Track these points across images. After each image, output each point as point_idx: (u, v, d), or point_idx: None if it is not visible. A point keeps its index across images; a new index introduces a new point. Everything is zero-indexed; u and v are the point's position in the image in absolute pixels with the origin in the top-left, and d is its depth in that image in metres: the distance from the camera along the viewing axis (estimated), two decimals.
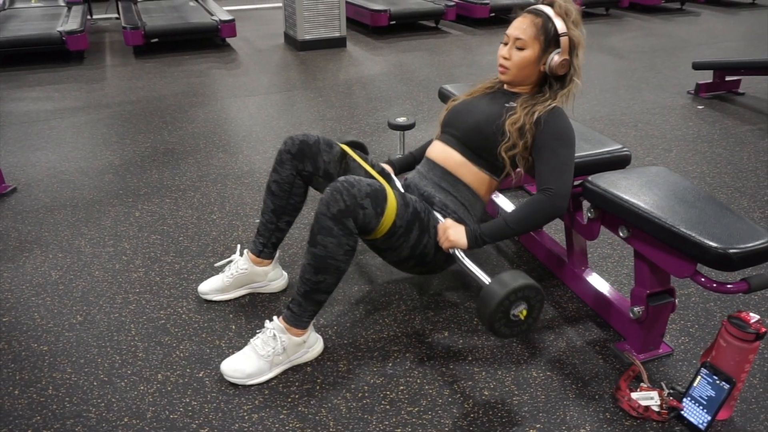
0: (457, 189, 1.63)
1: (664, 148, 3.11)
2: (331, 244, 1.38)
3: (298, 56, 5.08)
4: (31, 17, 5.36)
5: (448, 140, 1.66)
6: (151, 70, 4.63)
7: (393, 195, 1.44)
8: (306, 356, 1.57)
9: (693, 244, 1.28)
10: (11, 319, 1.75)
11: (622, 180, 1.54)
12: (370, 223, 1.40)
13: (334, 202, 1.36)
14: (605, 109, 3.70)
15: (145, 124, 3.42)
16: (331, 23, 5.25)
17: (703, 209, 1.39)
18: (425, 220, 1.51)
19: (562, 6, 1.55)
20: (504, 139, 1.55)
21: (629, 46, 5.41)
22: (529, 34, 1.54)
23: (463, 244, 1.50)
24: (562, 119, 1.57)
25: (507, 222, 1.49)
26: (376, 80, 4.36)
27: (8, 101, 3.85)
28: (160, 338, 1.67)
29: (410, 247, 1.50)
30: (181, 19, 5.33)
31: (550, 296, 1.87)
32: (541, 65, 1.58)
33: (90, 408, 1.43)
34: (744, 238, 1.27)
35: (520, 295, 1.29)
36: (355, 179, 1.40)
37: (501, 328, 1.32)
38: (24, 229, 2.26)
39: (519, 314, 1.32)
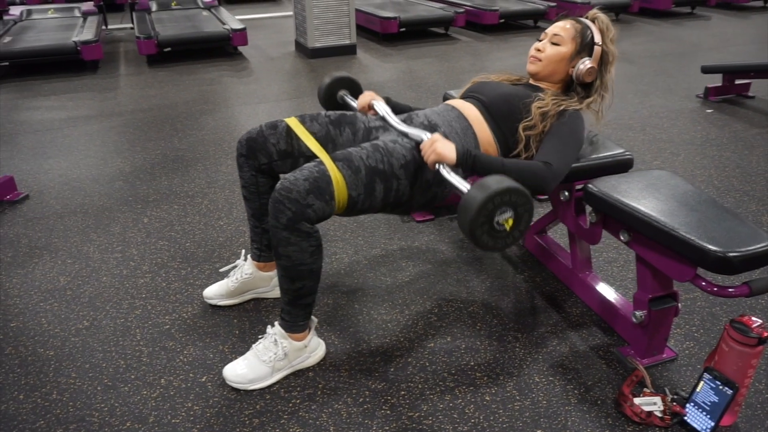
0: (465, 134, 1.60)
1: (671, 152, 3.09)
2: (294, 252, 1.37)
3: (309, 64, 5.12)
4: (47, 28, 5.47)
5: (473, 102, 1.67)
6: (164, 78, 4.70)
7: (337, 171, 1.38)
8: (308, 361, 1.58)
9: (693, 248, 1.27)
10: (19, 325, 1.78)
11: (623, 184, 1.54)
12: (324, 212, 1.37)
13: (280, 214, 1.34)
14: (612, 114, 3.67)
15: (156, 132, 3.47)
16: (341, 31, 5.29)
17: (704, 212, 1.38)
18: (386, 169, 1.44)
19: (604, 22, 1.69)
20: (527, 117, 1.58)
21: (639, 51, 5.38)
22: (567, 33, 1.66)
23: (450, 158, 1.38)
24: (581, 123, 1.63)
25: (504, 163, 1.44)
26: (385, 87, 4.38)
27: (24, 110, 3.93)
28: (165, 343, 1.69)
29: (380, 200, 1.45)
30: (193, 28, 5.40)
31: (553, 300, 1.86)
32: (570, 66, 1.67)
33: (93, 412, 1.45)
34: (745, 242, 1.25)
35: (505, 200, 1.18)
36: (291, 181, 1.35)
37: (483, 236, 1.20)
38: (34, 235, 2.30)
39: (504, 223, 1.21)
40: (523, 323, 1.76)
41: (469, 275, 2.00)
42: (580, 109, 1.65)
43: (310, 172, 1.37)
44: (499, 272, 2.02)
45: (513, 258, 2.11)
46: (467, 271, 2.03)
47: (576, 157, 1.57)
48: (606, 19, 1.71)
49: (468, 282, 1.96)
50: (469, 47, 5.64)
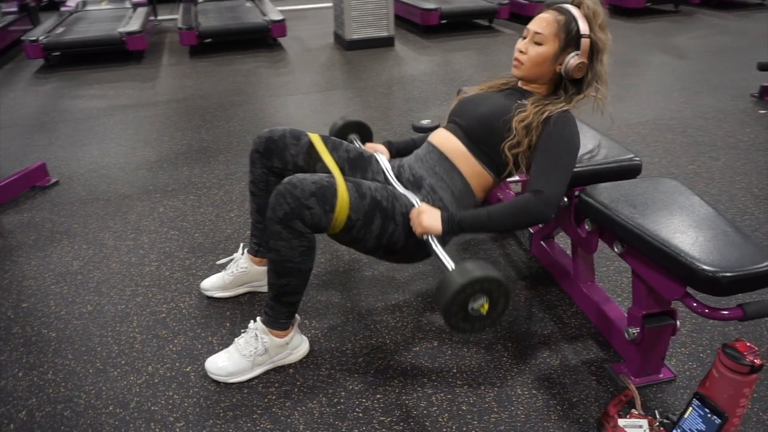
0: (450, 176, 1.56)
1: (711, 156, 2.91)
2: (283, 247, 1.38)
3: (345, 56, 5.12)
4: (99, 19, 5.69)
5: (453, 129, 1.61)
6: (202, 69, 4.81)
7: (345, 188, 1.39)
8: (290, 358, 1.59)
9: (681, 265, 1.19)
10: (30, 305, 1.87)
11: (621, 192, 1.46)
12: (320, 221, 1.37)
13: (278, 206, 1.35)
14: (653, 113, 3.50)
15: (186, 122, 3.56)
16: (379, 23, 5.26)
17: (704, 228, 1.29)
18: (388, 208, 1.43)
19: (590, 7, 1.50)
20: (509, 136, 1.49)
21: (694, 46, 5.09)
22: (549, 30, 1.50)
23: (436, 230, 1.39)
24: (571, 125, 1.50)
25: (489, 214, 1.41)
26: (418, 81, 4.33)
27: (68, 98, 4.11)
28: (158, 331, 1.73)
29: (375, 237, 1.44)
30: (234, 19, 5.50)
31: (552, 310, 1.79)
32: (557, 65, 1.53)
33: (81, 394, 1.51)
34: (739, 262, 1.16)
35: (478, 288, 1.18)
36: (299, 178, 1.36)
37: (458, 322, 1.22)
38: (58, 220, 2.40)
39: (479, 308, 1.22)
40: (516, 332, 1.70)
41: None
42: (569, 109, 1.52)
43: (320, 179, 1.38)
44: None
45: (518, 263, 2.05)
46: None
47: (572, 167, 1.47)
48: (593, 2, 1.50)
49: None
50: (512, 40, 5.49)
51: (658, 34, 5.54)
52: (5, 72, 4.92)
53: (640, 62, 4.62)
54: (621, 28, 5.84)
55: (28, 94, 4.25)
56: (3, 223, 2.39)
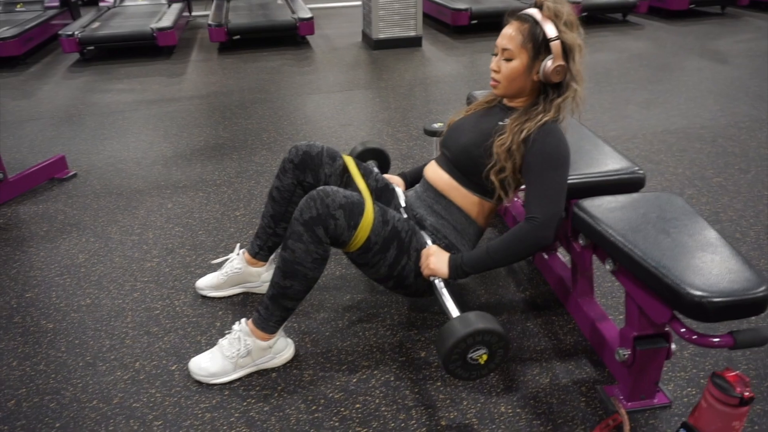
0: (449, 212, 1.58)
1: (740, 167, 2.78)
2: (300, 249, 1.39)
3: (371, 55, 5.11)
4: (134, 14, 5.83)
5: (443, 162, 1.62)
6: (229, 66, 4.87)
7: (371, 210, 1.41)
8: (273, 362, 1.58)
9: (666, 287, 1.13)
10: (33, 296, 1.92)
11: (617, 207, 1.39)
12: (342, 234, 1.38)
13: (307, 209, 1.37)
14: (683, 121, 3.36)
15: (206, 119, 3.61)
16: (406, 22, 5.23)
17: (700, 250, 1.22)
18: (405, 241, 1.46)
19: (551, 8, 1.41)
20: (491, 163, 1.46)
21: (738, 50, 4.87)
22: (515, 43, 1.44)
23: (443, 274, 1.45)
24: (553, 136, 1.43)
25: (489, 251, 1.42)
26: (441, 82, 4.28)
27: (97, 92, 4.22)
28: (150, 328, 1.75)
29: (387, 266, 1.46)
30: (263, 17, 5.55)
31: (548, 325, 1.73)
32: (533, 74, 1.46)
33: (68, 387, 1.54)
34: (730, 287, 1.09)
35: (479, 339, 1.22)
36: (333, 189, 1.39)
37: (457, 369, 1.26)
38: (71, 212, 2.46)
39: (478, 358, 1.25)
40: None
41: (466, 289, 1.91)
42: (549, 119, 1.44)
43: (352, 195, 1.41)
44: (499, 288, 1.91)
45: (518, 274, 1.99)
46: (465, 284, 1.94)
47: (563, 181, 1.41)
48: (554, 1, 1.40)
49: (462, 296, 1.88)
50: None
51: (700, 38, 5.34)
52: (43, 65, 5.09)
53: (674, 67, 4.45)
54: (660, 31, 5.65)
55: (60, 87, 4.38)
56: (19, 213, 2.46)
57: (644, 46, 5.13)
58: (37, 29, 5.37)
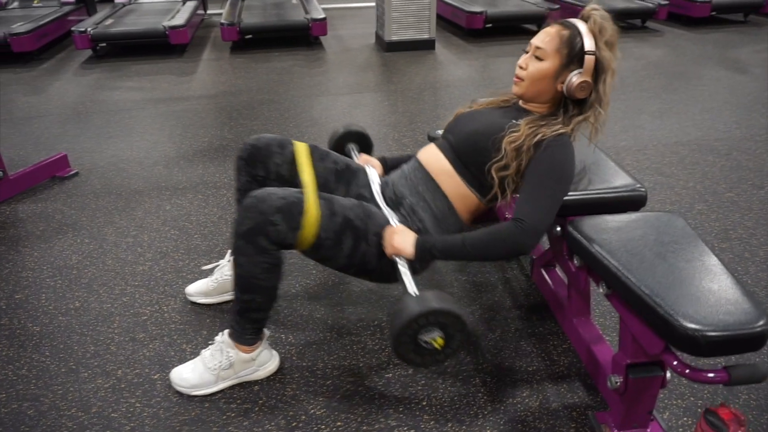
0: (434, 197, 1.49)
1: (754, 183, 2.68)
2: (246, 263, 1.34)
3: (383, 57, 5.06)
4: (148, 12, 5.85)
5: (443, 146, 1.54)
6: (240, 65, 4.86)
7: (314, 206, 1.33)
8: (256, 374, 1.54)
9: (659, 317, 1.07)
10: (22, 297, 1.90)
11: (613, 227, 1.33)
12: (285, 238, 1.32)
13: (243, 221, 1.31)
14: (697, 133, 3.27)
15: (212, 119, 3.59)
16: (420, 25, 5.17)
17: (698, 278, 1.15)
18: (360, 227, 1.38)
19: (597, 22, 1.40)
20: (497, 157, 1.40)
21: (759, 60, 4.74)
22: (551, 45, 1.41)
23: (408, 253, 1.34)
24: (565, 150, 1.39)
25: (465, 241, 1.33)
26: (452, 86, 4.22)
27: (107, 90, 4.24)
28: (136, 334, 1.73)
29: (346, 256, 1.39)
30: (275, 16, 5.54)
31: (542, 344, 1.68)
32: (558, 83, 1.44)
33: (48, 393, 1.51)
34: (727, 320, 1.03)
35: (432, 320, 1.12)
36: (267, 193, 1.32)
37: (407, 352, 1.16)
38: (68, 212, 2.46)
39: (432, 342, 1.15)
40: (498, 366, 1.60)
41: (460, 302, 1.86)
42: (566, 132, 1.41)
43: (290, 194, 1.34)
44: (494, 304, 1.86)
45: (515, 289, 1.93)
46: (460, 298, 1.89)
47: (560, 196, 1.36)
48: (601, 17, 1.41)
49: None
50: None
51: (720, 46, 5.21)
52: (56, 61, 5.12)
53: (692, 75, 4.34)
54: (679, 38, 5.54)
55: (71, 84, 4.40)
56: (18, 212, 2.46)
57: (662, 53, 5.02)
58: (52, 25, 5.41)
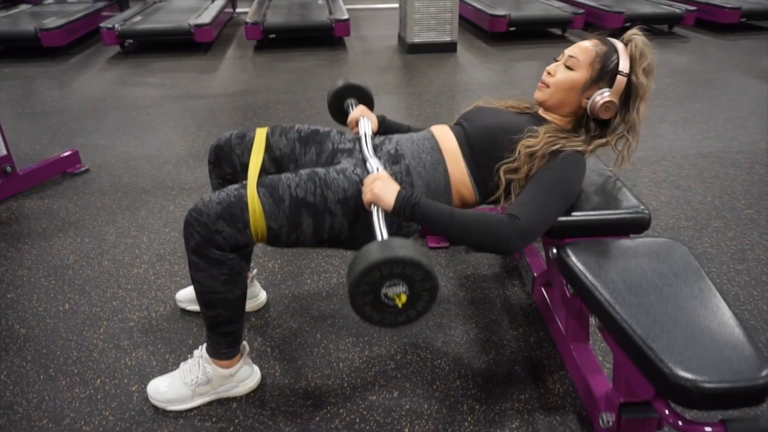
0: (434, 169, 1.40)
1: None
2: (203, 278, 1.29)
3: (404, 59, 4.99)
4: (176, 9, 5.90)
5: (457, 131, 1.46)
6: (261, 64, 4.85)
7: (256, 199, 1.26)
8: (235, 390, 1.49)
9: (649, 363, 0.97)
10: (14, 297, 1.90)
11: (609, 253, 1.24)
12: (237, 241, 1.26)
13: (189, 237, 1.26)
14: (718, 144, 3.10)
15: (227, 118, 3.58)
16: (442, 27, 5.08)
17: (695, 317, 1.05)
18: (317, 201, 1.29)
19: (639, 47, 1.36)
20: (510, 158, 1.33)
21: None
22: (584, 57, 1.38)
23: (386, 204, 1.20)
24: (578, 168, 1.33)
25: (453, 214, 1.21)
26: (470, 90, 4.12)
27: (128, 86, 4.27)
28: (121, 341, 1.70)
29: (312, 235, 1.31)
30: (299, 16, 5.51)
31: (537, 369, 1.58)
32: (583, 97, 1.39)
33: (23, 402, 1.49)
34: (724, 370, 0.93)
35: (398, 270, 0.98)
36: (204, 203, 1.26)
37: (365, 306, 1.02)
38: (73, 209, 2.46)
39: (395, 297, 1.01)
40: (489, 392, 1.51)
41: (455, 321, 1.78)
42: (584, 152, 1.36)
43: (227, 195, 1.28)
44: (491, 323, 1.77)
45: (514, 308, 1.84)
46: (456, 314, 1.81)
47: (560, 209, 1.28)
48: (643, 43, 1.37)
49: (450, 329, 1.74)
50: None
51: (748, 53, 4.98)
52: (85, 56, 5.20)
53: (717, 84, 4.14)
54: (706, 45, 5.31)
55: (95, 79, 4.46)
56: (24, 208, 2.47)
57: (687, 60, 4.81)
58: (83, 21, 5.50)
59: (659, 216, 2.38)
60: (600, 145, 1.39)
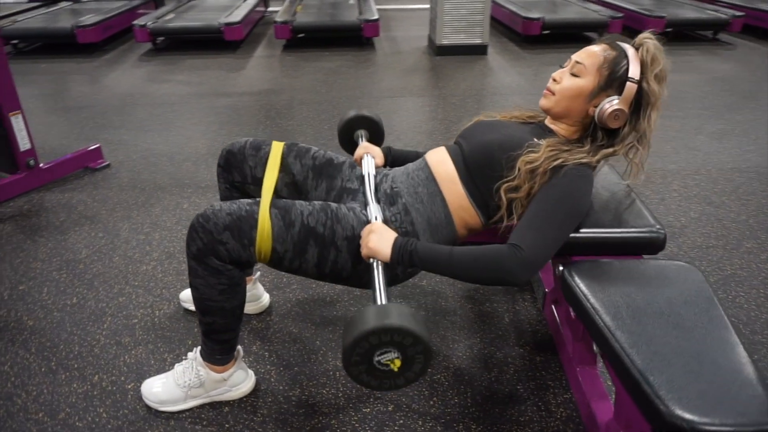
0: (432, 201, 1.35)
1: None
2: (201, 285, 1.27)
3: (432, 61, 4.93)
4: (209, 8, 5.98)
5: (454, 151, 1.40)
6: (289, 63, 4.87)
7: (267, 218, 1.23)
8: (228, 395, 1.47)
9: (646, 398, 0.90)
10: (26, 289, 1.93)
11: (615, 275, 1.17)
12: (239, 256, 1.23)
13: (192, 241, 1.24)
14: (758, 159, 2.95)
15: (249, 117, 3.59)
16: (472, 29, 5.00)
17: (702, 351, 0.98)
18: (326, 234, 1.26)
19: (650, 51, 1.27)
20: (509, 176, 1.27)
21: None
22: (591, 62, 1.30)
23: (383, 256, 1.18)
24: (583, 182, 1.25)
25: (451, 255, 1.16)
26: (497, 94, 4.04)
27: (156, 82, 4.33)
28: (122, 338, 1.70)
29: (314, 266, 1.28)
30: (329, 16, 5.52)
31: (541, 391, 1.52)
32: (591, 106, 1.31)
33: (23, 394, 1.51)
34: (727, 410, 0.86)
35: (387, 339, 0.98)
36: (214, 210, 1.23)
37: (360, 373, 1.02)
38: (91, 204, 2.49)
39: (389, 363, 1.01)
40: (487, 412, 1.46)
41: (460, 335, 1.72)
42: (590, 163, 1.28)
43: (239, 208, 1.25)
44: (497, 338, 1.71)
45: (523, 324, 1.78)
46: (461, 328, 1.75)
47: (567, 230, 1.20)
48: (654, 47, 1.28)
49: (454, 343, 1.69)
50: None
51: None
52: (119, 52, 5.31)
53: (761, 94, 3.96)
54: (753, 53, 5.10)
55: (126, 76, 4.54)
56: (44, 201, 2.52)
57: (731, 68, 4.62)
58: (118, 18, 5.62)
59: (687, 233, 2.27)
60: (607, 155, 1.32)
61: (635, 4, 5.82)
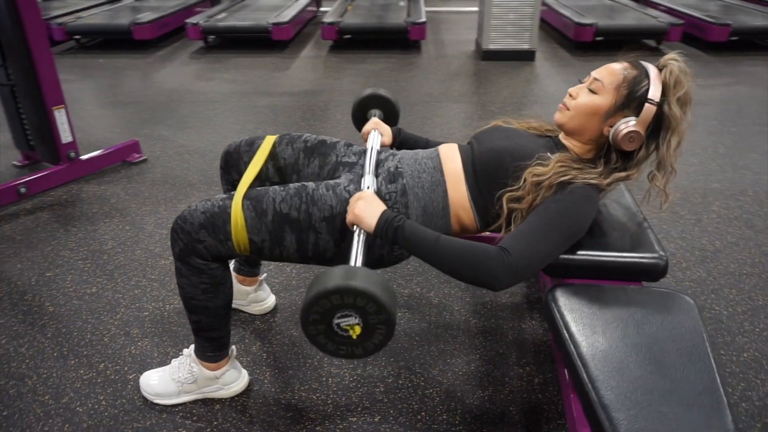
0: (433, 190, 1.33)
1: None
2: (185, 284, 1.31)
3: (477, 66, 4.87)
4: (261, 7, 6.11)
5: (465, 151, 1.38)
6: (333, 65, 4.92)
7: (240, 211, 1.25)
8: (220, 393, 1.51)
9: None
10: (51, 276, 2.03)
11: (601, 302, 1.12)
12: (219, 251, 1.27)
13: (174, 243, 1.29)
14: None
15: (286, 117, 3.65)
16: (520, 34, 4.90)
17: (675, 387, 0.92)
18: (302, 218, 1.26)
19: (674, 73, 1.22)
20: (514, 186, 1.24)
21: None
22: (610, 80, 1.27)
23: (367, 225, 1.16)
24: (587, 203, 1.22)
25: (437, 242, 1.13)
26: (538, 103, 3.95)
27: (203, 80, 4.48)
28: (131, 329, 1.77)
29: (296, 251, 1.28)
30: (376, 18, 5.53)
31: (535, 415, 1.47)
32: (606, 125, 1.27)
33: (33, 375, 1.59)
34: None
35: (350, 301, 0.94)
36: (190, 211, 1.27)
37: (318, 334, 0.99)
38: (123, 197, 2.60)
39: (348, 328, 0.98)
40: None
41: (459, 349, 1.70)
42: (599, 185, 1.23)
43: (212, 205, 1.28)
44: (497, 356, 1.67)
45: (526, 343, 1.73)
46: (462, 342, 1.72)
47: (560, 249, 1.17)
48: (679, 69, 1.22)
49: (451, 357, 1.67)
50: None
51: None
52: (172, 49, 5.52)
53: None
54: None
55: (175, 72, 4.72)
56: (81, 192, 2.65)
57: None
58: (175, 16, 5.84)
59: (720, 258, 2.14)
60: (619, 179, 1.27)
61: (699, 10, 5.54)
